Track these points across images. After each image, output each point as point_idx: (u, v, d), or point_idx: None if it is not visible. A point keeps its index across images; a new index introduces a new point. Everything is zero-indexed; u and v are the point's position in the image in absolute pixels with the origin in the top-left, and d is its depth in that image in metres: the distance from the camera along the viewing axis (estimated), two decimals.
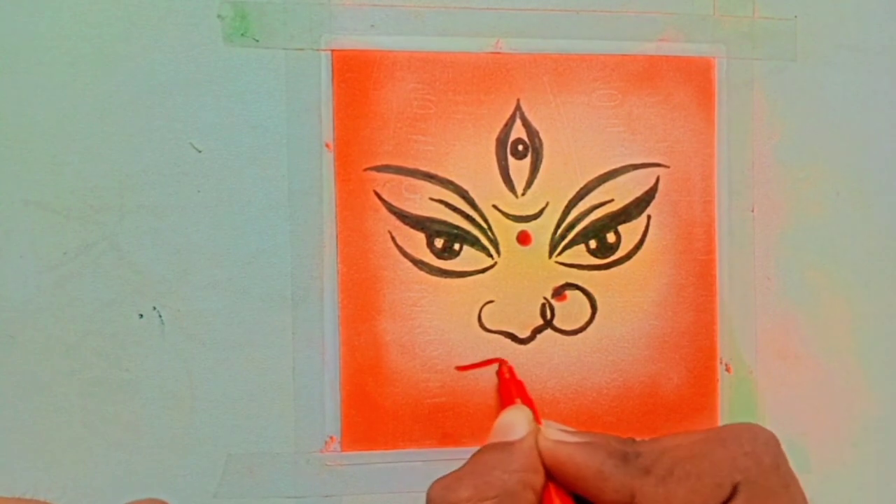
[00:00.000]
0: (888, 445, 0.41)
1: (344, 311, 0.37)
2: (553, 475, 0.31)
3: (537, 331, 0.39)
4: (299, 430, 0.37)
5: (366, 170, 0.37)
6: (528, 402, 0.35)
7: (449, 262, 0.38)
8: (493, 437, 0.33)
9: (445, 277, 0.38)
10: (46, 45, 0.36)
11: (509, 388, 0.37)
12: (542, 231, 0.38)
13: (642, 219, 0.39)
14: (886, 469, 0.41)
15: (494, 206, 0.38)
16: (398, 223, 0.38)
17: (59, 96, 0.36)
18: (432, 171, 0.38)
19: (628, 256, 0.39)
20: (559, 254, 0.39)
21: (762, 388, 0.40)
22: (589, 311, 0.39)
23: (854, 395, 0.41)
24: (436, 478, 0.37)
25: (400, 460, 0.37)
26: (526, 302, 0.38)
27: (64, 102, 0.36)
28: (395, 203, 0.38)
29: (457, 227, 0.38)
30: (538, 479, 0.31)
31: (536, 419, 0.33)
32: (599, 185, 0.39)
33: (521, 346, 0.38)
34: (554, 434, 0.32)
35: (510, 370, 0.38)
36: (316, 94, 0.37)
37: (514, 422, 0.33)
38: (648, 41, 0.39)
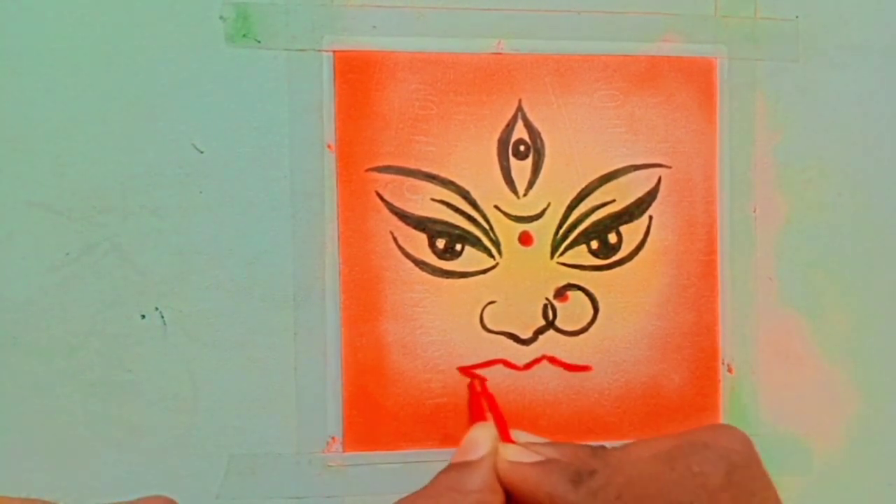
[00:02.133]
0: (889, 446, 0.41)
1: (346, 312, 0.37)
2: (511, 495, 0.31)
3: (539, 331, 0.39)
4: (301, 431, 0.37)
5: (367, 170, 0.38)
6: (497, 416, 0.35)
7: (450, 262, 0.38)
8: (457, 456, 0.33)
9: (447, 278, 0.38)
10: (49, 46, 0.36)
11: (479, 403, 0.37)
12: (543, 231, 0.38)
13: (644, 219, 0.39)
14: (887, 469, 0.41)
15: (496, 207, 0.38)
16: (400, 224, 0.38)
17: (61, 97, 0.36)
18: (434, 171, 0.38)
19: (630, 257, 0.39)
20: (561, 254, 0.39)
21: (764, 388, 0.40)
22: (591, 311, 0.39)
23: (855, 395, 0.41)
24: None
25: (402, 461, 0.38)
26: (528, 302, 0.38)
27: (66, 104, 0.36)
28: (396, 203, 0.38)
29: (458, 228, 0.38)
30: (496, 499, 0.31)
31: (505, 434, 0.33)
32: (601, 185, 0.39)
33: (523, 347, 0.38)
34: (512, 454, 0.32)
35: (482, 383, 0.38)
36: (318, 94, 0.37)
37: (477, 440, 0.32)
38: (650, 42, 0.39)
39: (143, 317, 0.36)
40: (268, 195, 0.37)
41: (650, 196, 0.39)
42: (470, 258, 0.38)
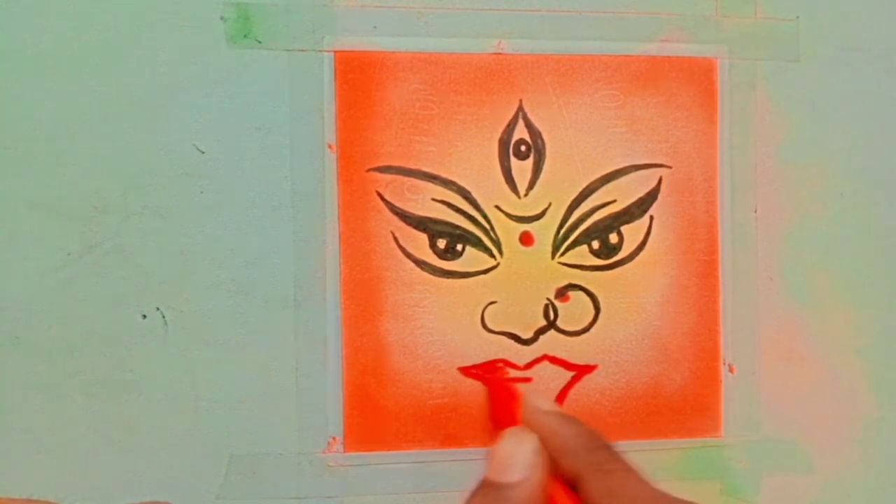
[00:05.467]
0: (891, 446, 0.41)
1: (346, 312, 0.37)
2: None
3: (540, 331, 0.38)
4: (302, 431, 0.37)
5: (368, 171, 0.38)
6: (517, 404, 0.34)
7: (451, 262, 0.38)
8: (491, 471, 0.31)
9: (448, 278, 0.38)
10: (50, 47, 0.36)
11: (499, 396, 0.36)
12: (544, 232, 0.38)
13: (645, 219, 0.39)
14: (889, 470, 0.41)
15: (497, 207, 0.38)
16: (400, 224, 0.38)
17: (62, 98, 0.36)
18: (435, 171, 0.38)
19: (631, 257, 0.39)
20: (562, 254, 0.39)
21: (765, 388, 0.40)
22: (592, 311, 0.39)
23: (857, 395, 0.40)
24: (437, 479, 0.38)
25: (402, 461, 0.37)
26: (529, 303, 0.38)
27: (68, 105, 0.36)
28: (397, 204, 0.38)
29: (459, 228, 0.38)
30: None
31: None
32: (602, 185, 0.39)
33: (524, 347, 0.38)
34: (536, 401, 0.31)
35: (502, 373, 0.37)
36: (318, 95, 0.37)
37: (512, 456, 0.31)
38: (651, 42, 0.39)
39: (145, 317, 0.36)
40: (269, 195, 0.37)
41: (651, 196, 0.39)
42: (471, 258, 0.38)
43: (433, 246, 0.38)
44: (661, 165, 0.39)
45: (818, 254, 0.40)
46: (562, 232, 0.38)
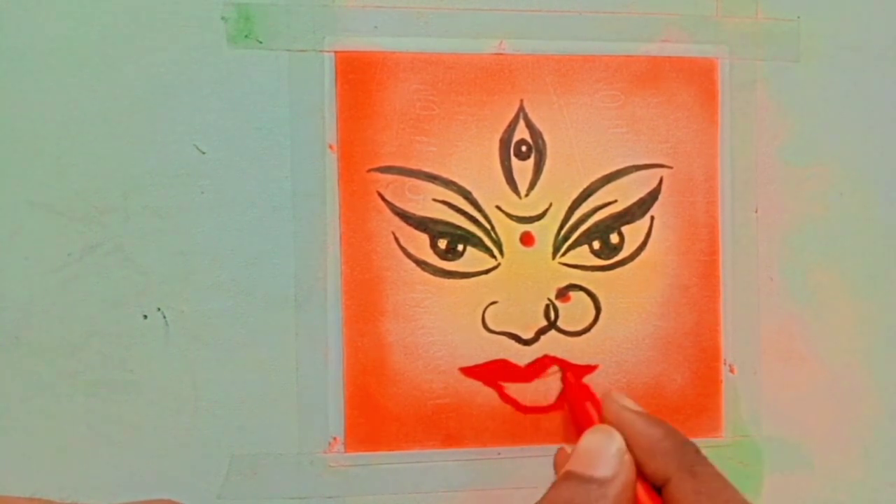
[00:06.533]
0: (891, 446, 0.41)
1: (347, 312, 0.37)
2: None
3: (541, 332, 0.38)
4: (303, 431, 0.37)
5: (369, 171, 0.38)
6: (596, 406, 0.34)
7: (452, 263, 0.38)
8: (576, 464, 0.30)
9: (449, 278, 0.38)
10: (51, 47, 0.36)
11: (577, 396, 0.36)
12: (545, 232, 0.38)
13: (646, 220, 0.39)
14: (889, 470, 0.41)
15: (498, 207, 0.38)
16: (401, 224, 0.38)
17: (63, 98, 0.36)
18: (435, 171, 0.38)
19: (632, 257, 0.39)
20: (563, 255, 0.39)
21: (766, 388, 0.40)
22: (593, 312, 0.39)
23: (858, 395, 0.40)
24: (438, 479, 0.38)
25: (403, 461, 0.37)
26: (529, 303, 0.38)
27: (68, 104, 0.36)
28: (398, 204, 0.38)
29: (460, 228, 0.38)
30: None
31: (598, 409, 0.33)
32: (603, 185, 0.39)
33: (525, 347, 0.38)
34: (622, 400, 0.31)
35: (575, 375, 0.37)
36: (319, 95, 0.37)
37: (601, 451, 0.30)
38: (651, 42, 0.39)
39: (145, 317, 0.36)
40: (269, 195, 0.37)
41: (652, 196, 0.39)
42: (471, 258, 0.38)
43: (434, 246, 0.38)
44: (661, 166, 0.39)
45: (819, 254, 0.40)
46: (562, 232, 0.38)
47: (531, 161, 0.38)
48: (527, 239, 0.38)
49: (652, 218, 0.39)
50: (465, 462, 0.38)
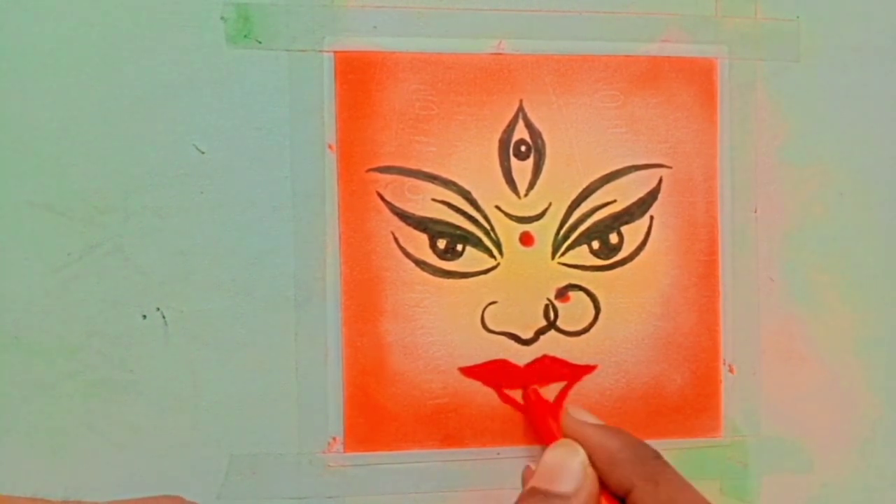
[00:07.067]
0: (891, 447, 0.41)
1: (347, 312, 0.37)
2: None
3: (540, 332, 0.38)
4: (302, 431, 0.37)
5: (368, 171, 0.38)
6: (556, 419, 0.35)
7: (451, 262, 0.38)
8: (540, 480, 0.31)
9: (448, 278, 0.38)
10: (51, 47, 0.36)
11: (537, 412, 0.36)
12: (544, 232, 0.38)
13: (645, 220, 0.39)
14: (889, 470, 0.41)
15: (497, 207, 0.38)
16: (401, 224, 0.38)
17: (63, 98, 0.36)
18: (435, 171, 0.38)
19: (631, 257, 0.39)
20: (562, 255, 0.39)
21: (765, 388, 0.40)
22: (592, 312, 0.39)
23: (857, 396, 0.40)
24: (438, 479, 0.38)
25: (402, 461, 0.37)
26: (529, 303, 0.38)
27: (68, 104, 0.36)
28: (397, 204, 0.38)
29: (459, 228, 0.38)
30: None
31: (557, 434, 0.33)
32: (602, 185, 0.39)
33: (525, 347, 0.38)
34: (579, 414, 0.31)
35: (535, 392, 0.37)
36: (319, 95, 0.37)
37: (563, 466, 0.31)
38: (651, 42, 0.39)
39: (145, 317, 0.36)
40: (269, 195, 0.37)
41: (651, 196, 0.39)
42: (471, 258, 0.38)
43: (433, 246, 0.38)
44: (661, 166, 0.39)
45: (818, 254, 0.40)
46: (562, 232, 0.38)
47: (530, 161, 0.38)
48: (526, 239, 0.38)
49: (651, 218, 0.39)
50: (464, 462, 0.38)
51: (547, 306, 0.38)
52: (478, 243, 0.38)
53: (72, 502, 0.31)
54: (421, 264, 0.38)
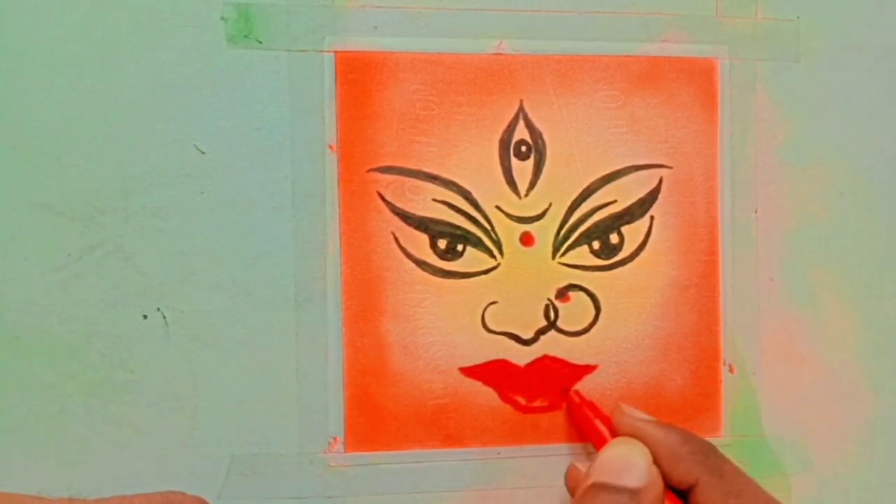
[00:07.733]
0: (891, 447, 0.41)
1: (347, 312, 0.37)
2: None
3: (541, 332, 0.38)
4: (303, 432, 0.37)
5: (369, 171, 0.38)
6: (604, 421, 0.36)
7: (452, 263, 0.38)
8: (602, 475, 0.30)
9: (448, 278, 0.38)
10: (50, 46, 0.36)
11: (583, 413, 0.37)
12: (545, 232, 0.38)
13: (645, 220, 0.39)
14: (889, 470, 0.41)
15: (497, 207, 0.38)
16: (401, 224, 0.38)
17: (63, 98, 0.36)
18: (435, 172, 0.38)
19: (631, 257, 0.39)
20: (562, 255, 0.39)
21: (765, 389, 0.40)
22: (592, 312, 0.39)
23: (857, 396, 0.40)
24: (438, 479, 0.38)
25: (403, 461, 0.37)
26: (529, 303, 0.38)
27: (68, 104, 0.36)
28: (398, 204, 0.38)
29: (460, 228, 0.38)
30: None
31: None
32: (602, 186, 0.39)
33: (525, 348, 0.38)
34: (633, 412, 0.31)
35: (578, 393, 0.38)
36: (319, 95, 0.37)
37: (629, 461, 0.30)
38: (651, 42, 0.39)
39: (145, 317, 0.36)
40: (269, 196, 0.37)
41: (651, 196, 0.39)
42: (471, 259, 0.38)
43: (434, 246, 0.38)
44: (661, 166, 0.39)
45: (819, 254, 0.40)
46: (562, 232, 0.38)
47: (531, 161, 0.38)
48: (526, 239, 0.38)
49: (652, 218, 0.39)
50: (465, 462, 0.38)
51: (547, 306, 0.38)
52: (478, 243, 0.38)
53: (72, 500, 0.31)
54: (421, 264, 0.38)
